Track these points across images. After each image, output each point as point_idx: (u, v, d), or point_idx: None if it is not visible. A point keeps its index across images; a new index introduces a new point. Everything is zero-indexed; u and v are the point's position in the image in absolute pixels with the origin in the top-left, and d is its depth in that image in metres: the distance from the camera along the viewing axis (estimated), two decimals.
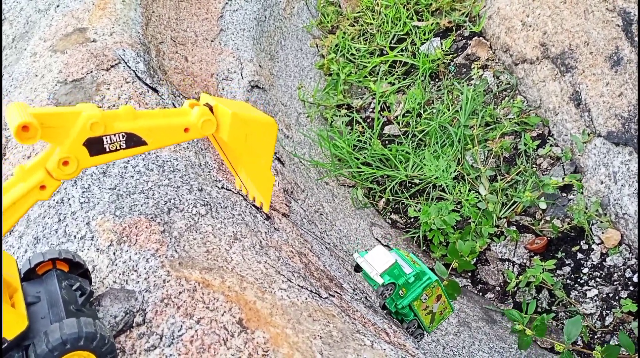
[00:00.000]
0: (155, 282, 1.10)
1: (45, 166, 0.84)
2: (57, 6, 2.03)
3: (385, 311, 1.42)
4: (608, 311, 1.90)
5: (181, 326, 1.02)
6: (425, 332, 1.43)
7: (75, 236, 1.21)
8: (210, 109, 0.98)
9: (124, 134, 0.88)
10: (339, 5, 3.14)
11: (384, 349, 1.12)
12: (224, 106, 0.98)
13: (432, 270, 1.72)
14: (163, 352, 0.98)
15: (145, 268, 1.13)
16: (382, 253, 1.29)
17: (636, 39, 1.85)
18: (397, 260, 1.29)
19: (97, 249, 1.18)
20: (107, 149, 0.87)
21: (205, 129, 0.96)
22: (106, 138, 0.87)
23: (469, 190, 2.21)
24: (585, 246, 2.03)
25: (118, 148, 0.88)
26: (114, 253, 1.16)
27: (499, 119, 2.38)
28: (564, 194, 2.14)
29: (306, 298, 1.20)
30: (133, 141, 0.90)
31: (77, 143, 0.84)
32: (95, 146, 0.86)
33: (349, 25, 3.01)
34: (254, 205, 1.58)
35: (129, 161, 1.42)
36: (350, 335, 1.13)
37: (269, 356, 0.99)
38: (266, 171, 1.10)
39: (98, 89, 1.62)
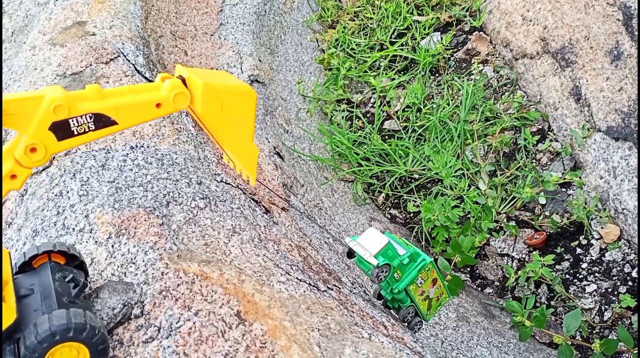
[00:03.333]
0: (153, 274, 1.10)
1: (13, 154, 0.81)
2: None
3: (381, 301, 1.41)
4: (607, 307, 1.90)
5: (179, 318, 1.02)
6: (423, 320, 1.41)
7: (74, 229, 1.21)
8: (184, 81, 0.94)
9: (91, 115, 0.85)
10: (339, 0, 3.14)
11: (382, 342, 1.12)
12: (196, 77, 0.94)
13: (436, 260, 1.71)
14: (161, 344, 0.99)
15: (143, 261, 1.13)
16: (374, 234, 1.25)
17: (637, 33, 1.85)
18: (391, 241, 1.27)
19: (96, 242, 1.18)
20: (75, 132, 0.84)
21: (178, 103, 0.93)
22: (72, 121, 0.83)
23: (469, 185, 2.21)
24: (584, 241, 2.03)
25: (86, 129, 0.85)
26: (113, 246, 1.17)
27: (498, 114, 2.38)
28: (564, 190, 2.14)
29: (304, 291, 1.20)
30: (102, 121, 0.86)
31: (42, 128, 0.81)
32: (62, 130, 0.83)
33: (349, 19, 3.00)
34: (253, 199, 1.58)
35: (127, 154, 1.42)
36: (348, 327, 1.13)
37: (267, 348, 1.00)
38: (248, 143, 1.06)
39: (97, 83, 1.62)
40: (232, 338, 1.00)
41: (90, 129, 0.86)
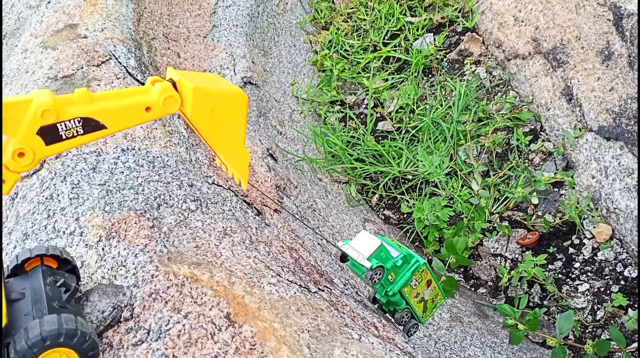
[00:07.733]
0: (143, 277, 1.10)
1: (1, 159, 0.81)
2: (48, 2, 2.03)
3: (376, 305, 1.41)
4: (599, 306, 1.91)
5: (169, 320, 1.03)
6: (419, 323, 1.40)
7: (64, 232, 1.21)
8: (174, 84, 0.94)
9: (79, 119, 0.84)
10: (332, 1, 3.14)
11: (372, 343, 1.12)
12: (186, 80, 0.93)
13: (430, 261, 1.70)
14: (150, 347, 0.99)
15: (133, 264, 1.13)
16: (367, 237, 1.25)
17: (627, 33, 1.86)
18: (383, 243, 1.27)
19: (86, 245, 1.18)
20: (64, 137, 0.84)
21: (168, 107, 0.92)
22: (61, 125, 0.83)
23: (462, 186, 2.21)
24: (576, 241, 2.04)
25: (75, 134, 0.85)
26: (103, 249, 1.17)
27: (491, 114, 2.39)
28: (556, 190, 2.15)
29: (295, 293, 1.21)
30: (91, 125, 0.86)
31: (29, 132, 0.81)
32: (50, 134, 0.82)
33: (342, 21, 3.01)
34: (244, 201, 1.58)
35: (119, 156, 1.42)
36: (338, 328, 1.13)
37: (257, 349, 1.00)
38: (240, 147, 1.06)
39: (89, 86, 1.62)
40: (222, 340, 1.01)
41: (79, 133, 0.85)
